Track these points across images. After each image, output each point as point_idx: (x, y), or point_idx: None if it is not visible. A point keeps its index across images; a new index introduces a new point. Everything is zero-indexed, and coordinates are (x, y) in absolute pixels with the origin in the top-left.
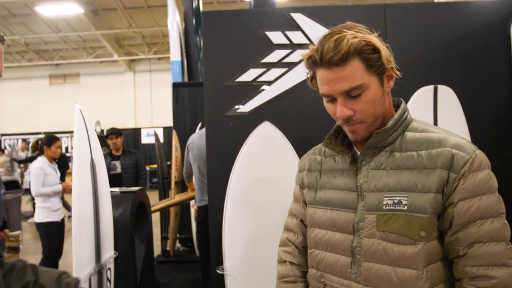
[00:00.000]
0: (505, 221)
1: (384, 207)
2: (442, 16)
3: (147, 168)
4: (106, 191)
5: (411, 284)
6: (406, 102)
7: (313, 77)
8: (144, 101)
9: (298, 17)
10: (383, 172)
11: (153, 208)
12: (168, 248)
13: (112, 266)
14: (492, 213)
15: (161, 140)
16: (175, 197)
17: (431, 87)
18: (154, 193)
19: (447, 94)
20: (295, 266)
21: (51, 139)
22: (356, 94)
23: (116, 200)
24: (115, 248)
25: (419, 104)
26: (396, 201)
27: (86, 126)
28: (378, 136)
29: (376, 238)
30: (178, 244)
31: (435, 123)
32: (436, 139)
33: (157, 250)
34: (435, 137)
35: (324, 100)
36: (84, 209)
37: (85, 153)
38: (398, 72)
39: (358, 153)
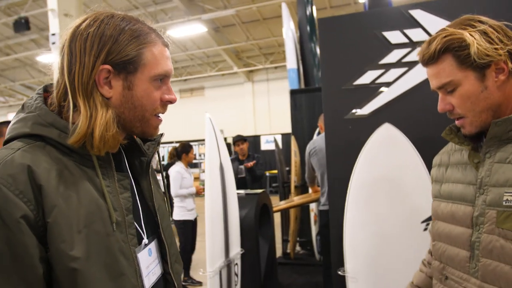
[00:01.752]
0: None
1: (504, 203)
2: None
3: (267, 173)
4: (233, 192)
5: None
6: None
7: None
8: (262, 109)
9: (417, 14)
10: (508, 166)
11: (275, 208)
12: (288, 251)
13: (239, 261)
14: None
15: (280, 146)
16: (295, 199)
17: None
18: (274, 198)
19: None
20: None
21: (187, 146)
22: (450, 90)
23: (241, 201)
24: (242, 246)
25: None
26: None
27: (215, 133)
28: (499, 126)
29: (495, 235)
30: (298, 248)
31: None
32: None
33: (278, 252)
34: None
35: None
36: (215, 209)
37: (215, 158)
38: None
39: None
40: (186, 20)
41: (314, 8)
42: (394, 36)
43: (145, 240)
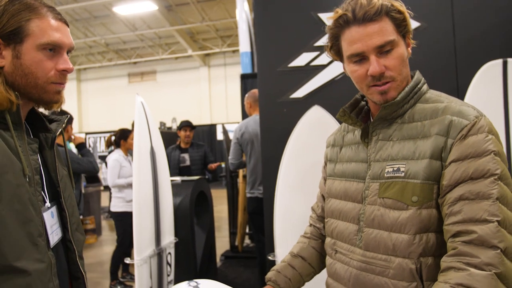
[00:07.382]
0: (499, 182)
1: (385, 175)
2: None
3: (222, 164)
4: (166, 178)
5: (403, 249)
6: (471, 79)
7: (332, 46)
8: (219, 96)
9: None
10: (390, 143)
11: None
12: (236, 244)
13: (172, 251)
14: (483, 174)
15: None
16: None
17: (500, 61)
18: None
19: None
20: (315, 228)
21: (126, 132)
22: (387, 50)
23: (176, 188)
24: (176, 235)
25: (485, 81)
26: (395, 169)
27: (147, 116)
28: (387, 109)
29: (376, 205)
30: (248, 241)
31: (506, 101)
32: (441, 108)
33: (226, 246)
34: (441, 106)
35: (350, 63)
36: (143, 194)
37: (145, 142)
38: (413, 41)
39: None
40: None
41: None
42: None
43: (48, 204)
